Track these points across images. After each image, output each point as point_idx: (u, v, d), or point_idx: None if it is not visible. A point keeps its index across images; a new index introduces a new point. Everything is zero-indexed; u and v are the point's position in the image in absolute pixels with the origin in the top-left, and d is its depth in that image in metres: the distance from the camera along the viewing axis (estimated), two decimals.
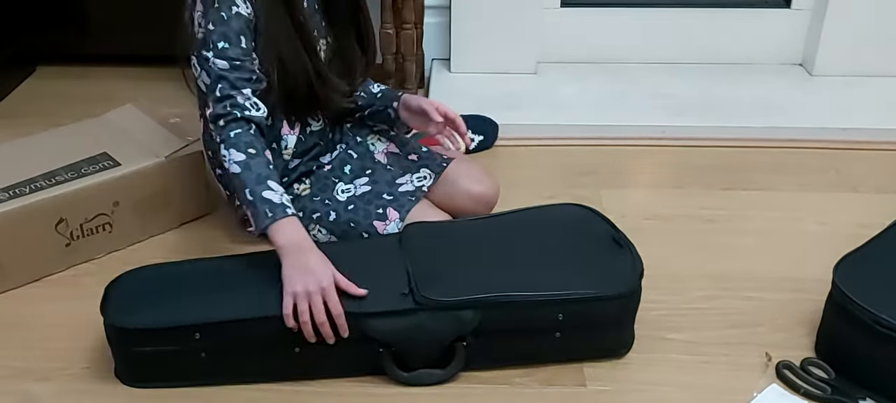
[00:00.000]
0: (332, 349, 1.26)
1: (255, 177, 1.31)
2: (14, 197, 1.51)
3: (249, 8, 1.37)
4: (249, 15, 1.37)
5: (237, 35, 1.36)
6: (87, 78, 2.41)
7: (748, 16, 2.41)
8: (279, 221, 1.28)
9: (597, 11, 2.43)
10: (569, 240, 1.41)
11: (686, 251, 1.65)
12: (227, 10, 1.35)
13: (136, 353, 1.28)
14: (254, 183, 1.31)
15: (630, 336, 1.38)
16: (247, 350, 1.28)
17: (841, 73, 2.35)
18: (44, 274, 1.57)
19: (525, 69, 2.39)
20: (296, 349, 1.26)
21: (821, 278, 1.35)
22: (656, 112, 2.18)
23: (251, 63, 1.38)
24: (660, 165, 2.02)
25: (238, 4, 1.36)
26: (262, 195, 1.30)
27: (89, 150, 1.65)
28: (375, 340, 1.26)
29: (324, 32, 1.54)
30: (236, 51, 1.35)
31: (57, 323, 1.46)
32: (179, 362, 1.28)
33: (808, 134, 2.09)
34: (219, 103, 1.35)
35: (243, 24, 1.37)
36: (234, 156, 1.33)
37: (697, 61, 2.43)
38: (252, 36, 1.39)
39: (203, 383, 1.30)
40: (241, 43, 1.36)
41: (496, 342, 1.30)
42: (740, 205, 1.82)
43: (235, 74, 1.35)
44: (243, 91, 1.36)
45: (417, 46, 2.23)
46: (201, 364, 1.28)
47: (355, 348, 1.27)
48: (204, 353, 1.27)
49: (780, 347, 1.38)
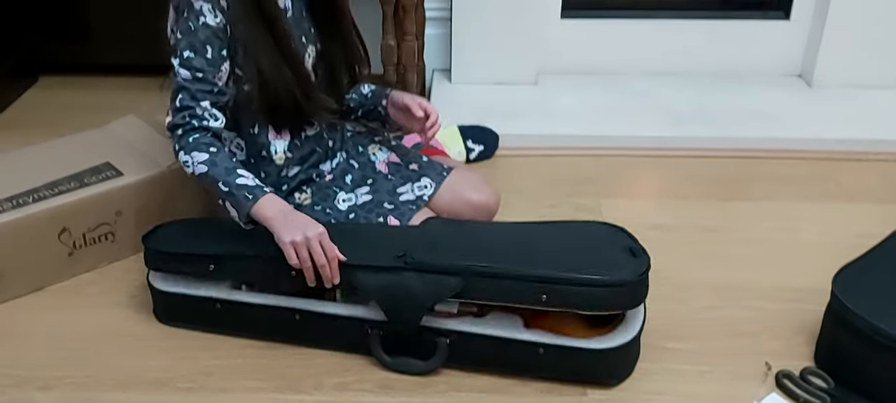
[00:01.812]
0: (326, 322, 1.38)
1: (223, 169, 1.35)
2: (17, 206, 1.51)
3: (219, 17, 1.37)
4: (219, 23, 1.37)
5: (203, 45, 1.36)
6: (89, 88, 2.42)
7: (747, 27, 2.43)
8: (261, 199, 1.33)
9: (596, 23, 2.44)
10: (583, 244, 1.41)
11: (687, 261, 1.66)
12: (195, 20, 1.36)
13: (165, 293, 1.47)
14: (224, 174, 1.34)
15: (624, 364, 1.36)
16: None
17: (840, 84, 2.35)
18: (46, 283, 1.57)
19: (525, 80, 2.40)
20: (296, 316, 1.39)
21: (820, 288, 1.36)
22: (656, 122, 2.19)
23: (215, 75, 1.39)
24: (660, 175, 2.03)
25: (205, 14, 1.36)
26: (236, 182, 1.34)
27: (92, 160, 1.66)
28: (365, 292, 1.35)
29: (312, 39, 1.54)
30: (201, 61, 1.36)
31: (59, 332, 1.47)
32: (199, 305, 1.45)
33: (808, 144, 2.10)
34: (177, 113, 1.37)
35: (211, 34, 1.37)
36: (198, 157, 1.35)
37: (697, 72, 2.44)
38: (223, 45, 1.39)
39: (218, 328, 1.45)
40: (207, 53, 1.37)
41: (477, 343, 1.33)
42: (740, 216, 1.83)
43: (197, 86, 1.37)
44: (202, 103, 1.37)
45: (418, 57, 2.24)
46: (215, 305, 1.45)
47: (347, 323, 1.37)
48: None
49: (779, 356, 1.39)
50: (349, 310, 1.38)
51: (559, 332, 1.33)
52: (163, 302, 1.48)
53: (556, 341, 1.31)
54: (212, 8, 1.36)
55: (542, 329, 1.34)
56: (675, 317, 1.48)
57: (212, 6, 1.36)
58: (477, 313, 1.38)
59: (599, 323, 1.35)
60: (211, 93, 1.38)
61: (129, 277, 1.60)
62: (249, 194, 1.33)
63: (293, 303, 1.40)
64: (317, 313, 1.39)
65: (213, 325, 1.46)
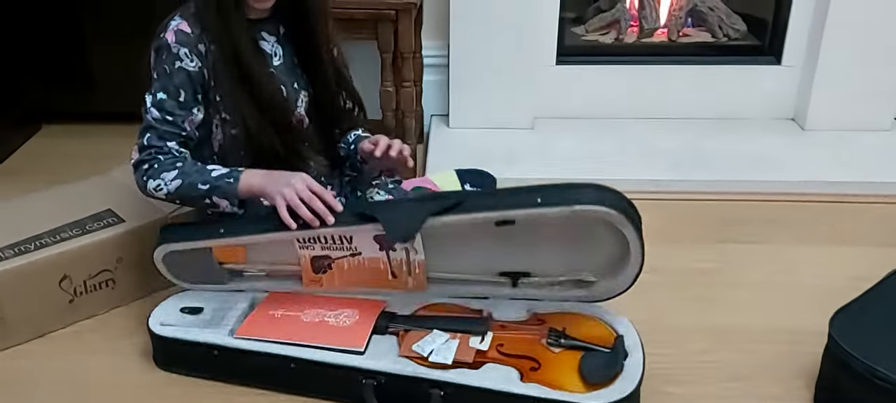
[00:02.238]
0: (321, 371, 1.38)
1: (195, 173, 1.40)
2: (19, 254, 1.52)
3: (196, 62, 1.40)
4: (196, 68, 1.40)
5: (177, 89, 1.39)
6: (91, 136, 2.44)
7: (740, 72, 2.46)
8: (242, 175, 1.40)
9: (591, 69, 2.48)
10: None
11: (682, 304, 1.66)
12: (171, 64, 1.38)
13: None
14: (199, 176, 1.40)
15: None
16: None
17: (833, 127, 2.38)
18: (47, 330, 1.58)
19: (522, 124, 2.43)
20: (292, 364, 1.39)
21: (817, 330, 1.36)
22: (651, 166, 2.21)
23: (185, 119, 1.41)
24: (654, 218, 2.01)
25: (182, 58, 1.39)
26: (213, 177, 1.40)
27: (94, 207, 1.68)
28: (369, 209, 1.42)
29: (304, 84, 1.55)
30: (172, 104, 1.39)
31: (61, 379, 1.47)
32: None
33: (802, 187, 2.13)
34: (143, 151, 1.41)
35: (186, 78, 1.39)
36: (168, 176, 1.39)
37: (691, 116, 2.48)
38: (198, 90, 1.41)
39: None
40: (180, 96, 1.39)
41: (472, 396, 1.31)
42: (735, 259, 1.84)
43: (165, 127, 1.40)
44: (169, 143, 1.41)
45: (417, 103, 2.27)
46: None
47: (341, 372, 1.37)
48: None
49: (778, 400, 1.39)
50: (343, 360, 1.38)
51: (557, 387, 1.30)
52: (161, 348, 1.48)
53: (553, 396, 1.28)
54: (189, 53, 1.39)
55: (538, 382, 1.31)
56: (671, 361, 1.48)
57: (189, 50, 1.38)
58: (471, 364, 1.35)
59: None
60: (178, 136, 1.42)
61: (129, 324, 1.60)
62: (230, 178, 1.39)
63: (289, 352, 1.40)
64: (312, 361, 1.39)
65: (210, 372, 1.45)
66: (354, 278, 1.50)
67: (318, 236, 1.44)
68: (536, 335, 1.41)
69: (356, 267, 1.48)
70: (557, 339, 1.38)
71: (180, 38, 1.38)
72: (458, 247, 1.47)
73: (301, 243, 1.46)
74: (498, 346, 1.38)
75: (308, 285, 1.52)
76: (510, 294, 1.51)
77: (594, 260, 1.44)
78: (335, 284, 1.51)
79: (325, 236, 1.44)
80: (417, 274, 1.48)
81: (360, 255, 1.47)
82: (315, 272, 1.50)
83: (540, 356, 1.36)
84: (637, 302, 1.40)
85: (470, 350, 1.36)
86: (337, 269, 1.49)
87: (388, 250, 1.45)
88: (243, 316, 1.48)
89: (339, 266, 1.49)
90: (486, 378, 1.32)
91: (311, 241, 1.45)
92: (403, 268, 1.48)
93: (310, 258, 1.49)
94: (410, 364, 1.35)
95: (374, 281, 1.50)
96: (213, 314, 1.50)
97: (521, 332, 1.42)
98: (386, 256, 1.47)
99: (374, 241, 1.44)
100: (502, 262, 1.49)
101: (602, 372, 1.31)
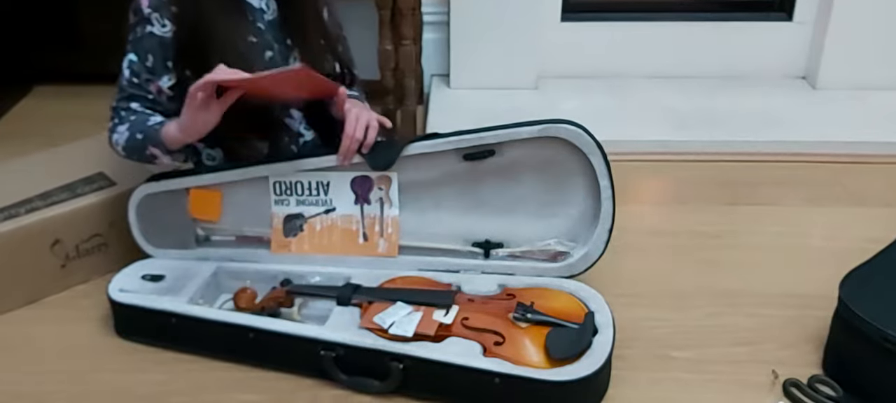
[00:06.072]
0: (281, 341, 1.35)
1: (139, 123, 1.41)
2: (9, 217, 1.50)
3: (170, 26, 1.38)
4: (169, 33, 1.39)
5: (146, 53, 1.40)
6: (83, 97, 2.39)
7: (750, 29, 2.41)
8: (167, 122, 1.39)
9: (597, 25, 2.42)
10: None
11: (690, 267, 1.63)
12: (142, 28, 1.39)
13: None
14: (139, 127, 1.40)
15: (588, 398, 1.29)
16: None
17: (844, 86, 2.33)
18: (39, 296, 1.55)
19: (525, 84, 2.38)
20: (250, 334, 1.36)
21: (827, 294, 1.33)
22: (658, 126, 2.17)
23: (152, 83, 1.42)
24: (662, 180, 2.01)
25: (153, 23, 1.39)
26: (147, 125, 1.40)
27: (85, 170, 1.65)
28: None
29: (284, 51, 1.50)
30: (139, 67, 1.40)
31: (53, 345, 1.45)
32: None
33: (813, 147, 2.08)
34: (112, 110, 1.44)
35: (155, 44, 1.39)
36: (120, 129, 1.42)
37: (699, 74, 2.43)
38: (170, 55, 1.40)
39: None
40: (148, 61, 1.40)
41: (432, 369, 1.28)
42: (744, 221, 1.81)
43: (133, 89, 1.42)
44: (132, 104, 1.43)
45: (416, 62, 2.22)
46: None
47: (301, 344, 1.33)
48: None
49: (786, 364, 1.36)
50: (303, 330, 1.35)
51: (519, 362, 1.26)
52: (121, 315, 1.45)
53: (515, 371, 1.24)
54: (160, 16, 1.38)
55: (501, 357, 1.27)
56: (677, 325, 1.46)
57: (160, 14, 1.38)
58: (434, 337, 1.31)
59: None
60: (144, 100, 1.43)
61: None
62: (158, 125, 1.39)
63: (249, 321, 1.36)
64: (271, 332, 1.35)
65: (169, 341, 1.42)
66: (325, 242, 1.47)
67: (295, 185, 1.42)
68: (504, 309, 1.36)
69: (328, 229, 1.47)
70: (524, 314, 1.33)
71: (152, 2, 1.38)
72: (431, 208, 1.45)
73: (277, 194, 1.45)
74: (463, 320, 1.34)
75: (277, 250, 1.50)
76: (482, 266, 1.48)
77: (567, 223, 1.42)
78: (304, 248, 1.49)
79: (302, 184, 1.42)
80: (390, 233, 1.46)
81: (333, 212, 1.45)
82: (285, 235, 1.48)
83: (505, 330, 1.31)
84: (643, 265, 1.37)
85: (433, 323, 1.32)
86: (308, 231, 1.47)
87: (363, 203, 1.43)
88: (206, 285, 1.46)
89: (310, 226, 1.47)
90: (447, 352, 1.28)
91: (286, 192, 1.44)
92: (376, 228, 1.45)
93: (282, 216, 1.47)
94: (371, 335, 1.32)
95: (344, 247, 1.48)
96: (173, 282, 1.47)
97: (488, 306, 1.38)
98: (360, 212, 1.45)
99: (351, 191, 1.43)
100: (474, 229, 1.47)
101: (567, 348, 1.27)
